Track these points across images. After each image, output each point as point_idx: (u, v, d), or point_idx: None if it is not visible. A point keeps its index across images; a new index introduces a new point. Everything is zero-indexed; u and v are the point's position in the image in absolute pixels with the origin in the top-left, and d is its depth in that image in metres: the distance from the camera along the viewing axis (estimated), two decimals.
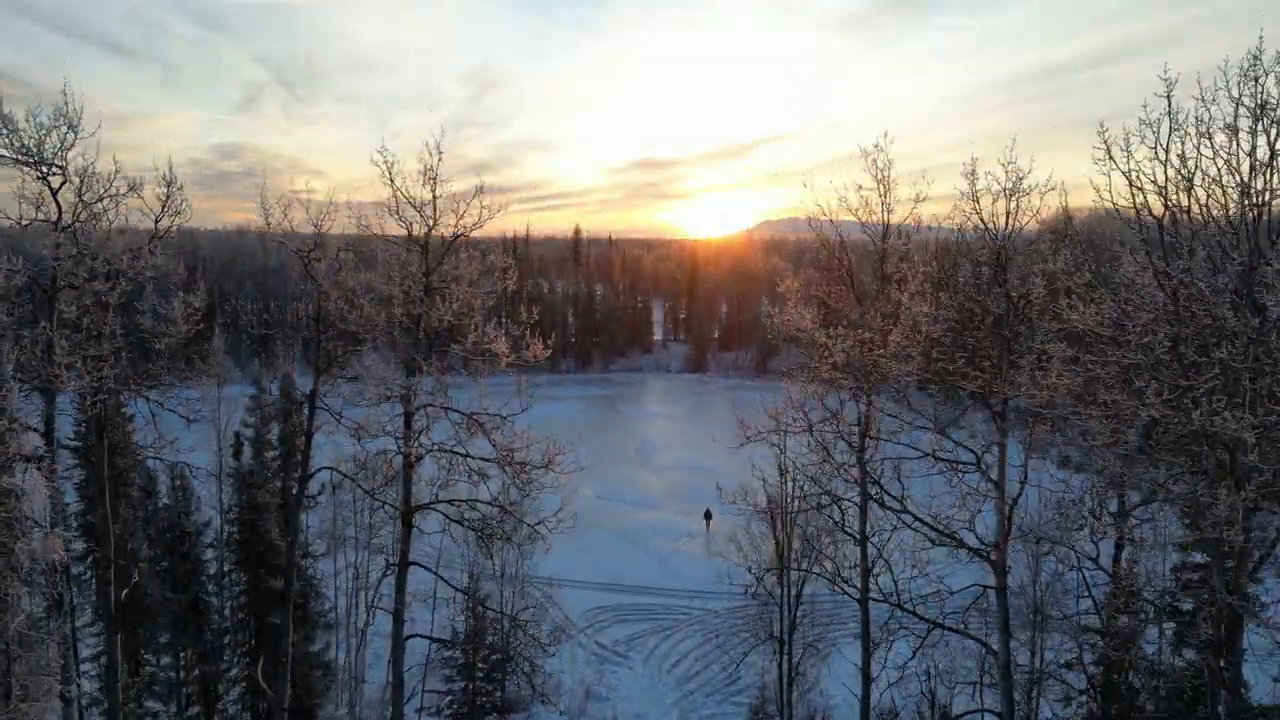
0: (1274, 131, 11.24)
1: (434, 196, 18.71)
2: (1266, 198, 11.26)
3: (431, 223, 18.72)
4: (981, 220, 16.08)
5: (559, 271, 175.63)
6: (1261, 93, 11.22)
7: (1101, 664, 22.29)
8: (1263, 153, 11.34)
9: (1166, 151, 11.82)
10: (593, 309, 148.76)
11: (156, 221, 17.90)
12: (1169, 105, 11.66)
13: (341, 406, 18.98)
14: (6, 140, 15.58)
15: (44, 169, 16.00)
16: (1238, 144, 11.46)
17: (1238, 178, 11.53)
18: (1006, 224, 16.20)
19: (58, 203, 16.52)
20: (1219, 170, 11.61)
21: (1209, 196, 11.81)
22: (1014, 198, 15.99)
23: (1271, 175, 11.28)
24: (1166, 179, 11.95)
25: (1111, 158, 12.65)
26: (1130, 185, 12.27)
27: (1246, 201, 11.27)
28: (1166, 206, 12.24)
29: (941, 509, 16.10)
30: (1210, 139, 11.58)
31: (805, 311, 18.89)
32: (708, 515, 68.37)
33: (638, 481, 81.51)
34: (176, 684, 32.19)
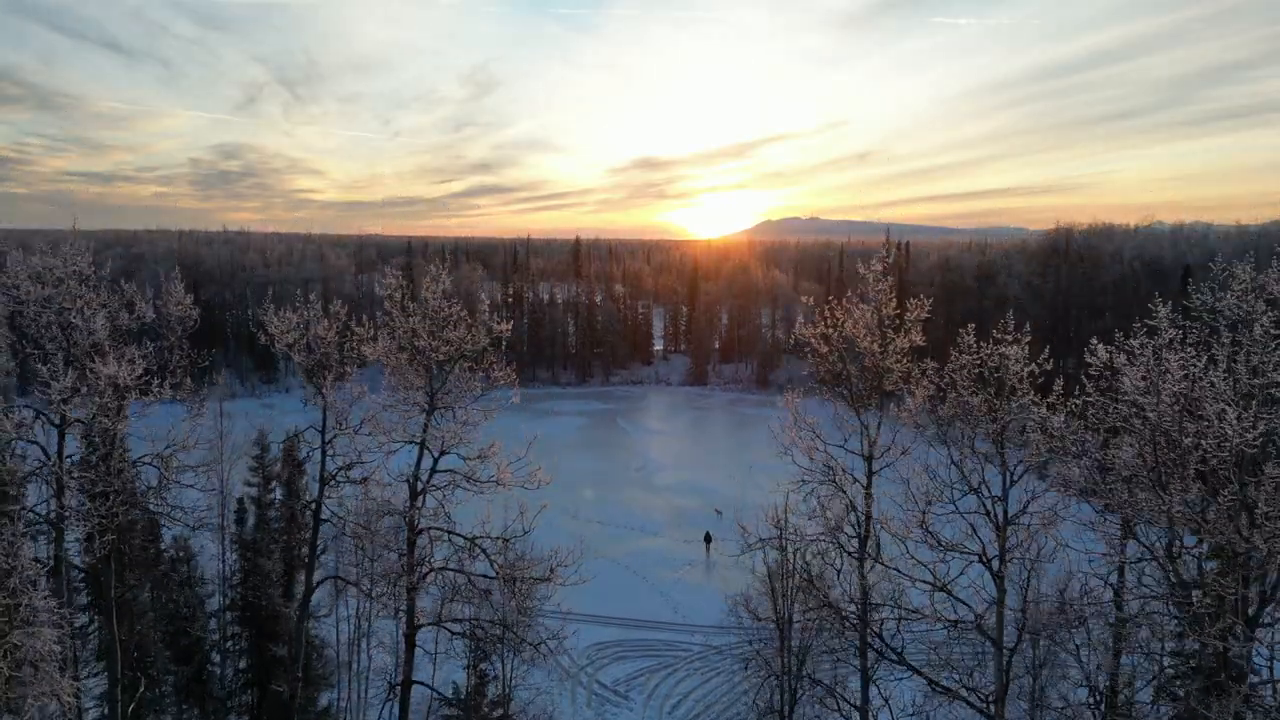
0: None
1: (440, 326, 18.89)
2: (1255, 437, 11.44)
3: (437, 345, 18.89)
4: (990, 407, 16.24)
5: (559, 277, 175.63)
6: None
7: None
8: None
9: (1159, 391, 12.08)
10: (593, 321, 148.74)
11: (161, 372, 18.07)
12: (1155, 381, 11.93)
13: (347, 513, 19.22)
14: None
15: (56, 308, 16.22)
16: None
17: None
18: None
19: (66, 335, 16.72)
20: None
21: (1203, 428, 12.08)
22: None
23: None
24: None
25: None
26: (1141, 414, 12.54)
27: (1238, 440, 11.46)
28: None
29: (937, 639, 16.30)
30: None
31: (804, 431, 19.09)
32: (708, 538, 68.82)
33: (638, 504, 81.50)
34: None
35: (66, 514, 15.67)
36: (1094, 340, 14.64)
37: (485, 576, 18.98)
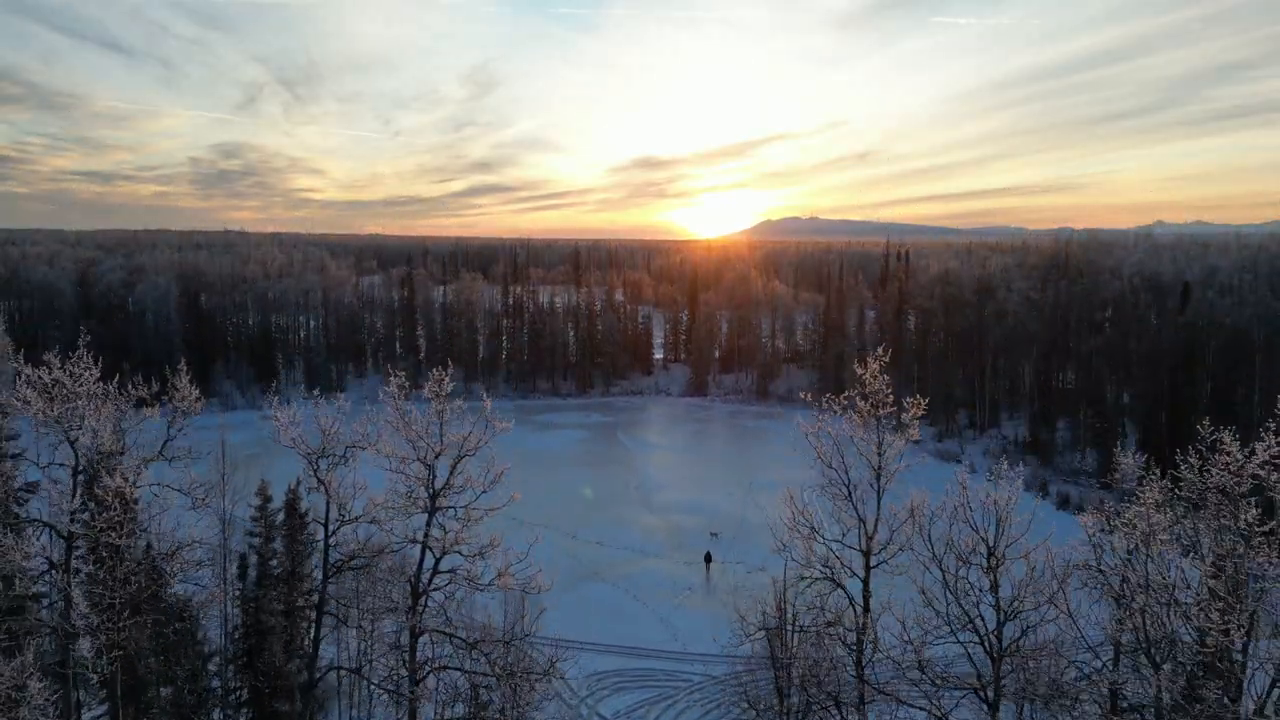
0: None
1: (440, 434, 19.16)
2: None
3: (438, 449, 19.16)
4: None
5: (559, 281, 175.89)
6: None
7: None
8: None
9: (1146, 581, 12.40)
10: (594, 330, 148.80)
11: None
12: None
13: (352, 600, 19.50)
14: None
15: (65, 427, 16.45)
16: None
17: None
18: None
19: (74, 449, 16.96)
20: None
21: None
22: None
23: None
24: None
25: None
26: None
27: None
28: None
29: None
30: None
31: (802, 526, 19.37)
32: (708, 558, 68.87)
33: (637, 524, 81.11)
34: None
35: (75, 628, 15.91)
36: (1085, 518, 14.89)
37: (486, 674, 19.26)
